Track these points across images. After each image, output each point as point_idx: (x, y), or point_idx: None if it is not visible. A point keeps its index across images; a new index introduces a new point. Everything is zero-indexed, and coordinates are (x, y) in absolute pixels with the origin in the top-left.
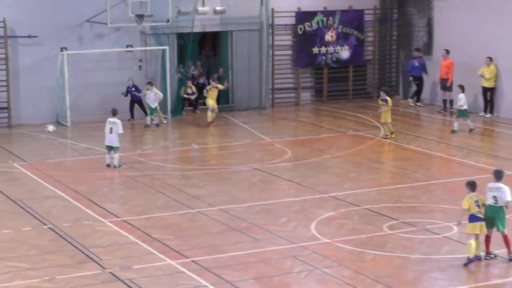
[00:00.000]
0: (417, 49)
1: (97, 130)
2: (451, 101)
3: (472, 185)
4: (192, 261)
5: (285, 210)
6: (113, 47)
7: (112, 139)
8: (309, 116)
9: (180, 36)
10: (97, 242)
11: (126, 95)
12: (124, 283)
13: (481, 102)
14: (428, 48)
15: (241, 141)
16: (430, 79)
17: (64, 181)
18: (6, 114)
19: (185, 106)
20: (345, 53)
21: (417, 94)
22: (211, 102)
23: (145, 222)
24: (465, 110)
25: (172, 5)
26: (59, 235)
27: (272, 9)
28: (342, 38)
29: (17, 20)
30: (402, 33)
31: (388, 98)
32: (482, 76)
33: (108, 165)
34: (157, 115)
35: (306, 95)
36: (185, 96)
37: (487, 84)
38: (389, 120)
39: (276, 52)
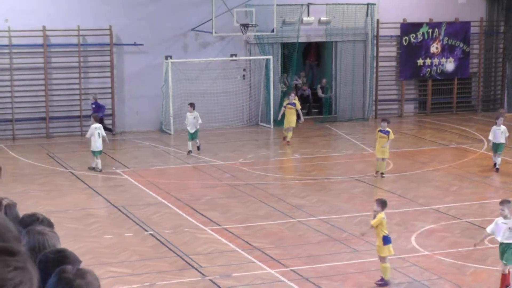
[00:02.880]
0: None
1: (201, 138)
2: None
3: (384, 204)
4: (292, 270)
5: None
6: (217, 56)
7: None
8: (412, 128)
9: (285, 46)
10: (198, 250)
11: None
12: None
13: None
14: None
15: (343, 152)
16: None
17: (166, 189)
18: (110, 121)
19: None
20: (450, 65)
21: None
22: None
23: (245, 231)
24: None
25: (277, 15)
26: (160, 242)
27: (378, 20)
28: (447, 50)
29: (123, 28)
30: (509, 46)
31: (390, 130)
32: None
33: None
34: (197, 140)
35: (409, 107)
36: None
37: None
38: (387, 155)
39: (380, 64)
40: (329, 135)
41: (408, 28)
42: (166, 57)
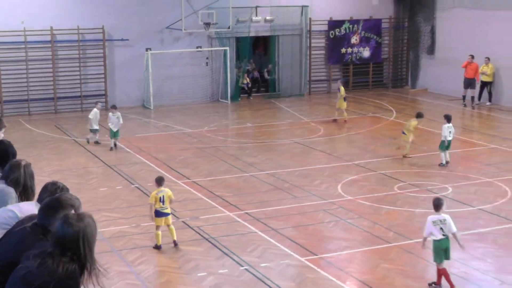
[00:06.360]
0: None
1: (175, 112)
2: (473, 97)
3: (159, 181)
4: (246, 213)
5: (318, 174)
6: (186, 48)
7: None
8: None
9: (238, 39)
10: (173, 198)
11: None
12: (193, 229)
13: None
14: (431, 49)
15: (285, 121)
16: (436, 76)
17: (148, 151)
18: (104, 100)
19: (241, 94)
20: (366, 53)
21: None
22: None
23: (210, 183)
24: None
25: (232, 15)
26: (144, 192)
27: (310, 18)
28: (364, 41)
29: (113, 26)
30: (411, 37)
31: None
32: (483, 73)
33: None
34: (118, 138)
35: (335, 85)
36: (241, 85)
37: (487, 79)
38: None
39: (313, 52)
40: (274, 108)
41: (334, 24)
42: (147, 49)
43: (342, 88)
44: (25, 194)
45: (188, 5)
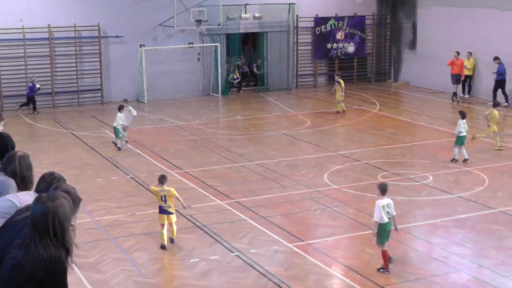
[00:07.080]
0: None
1: (168, 106)
2: (455, 93)
3: (161, 179)
4: (236, 201)
5: (305, 164)
6: (179, 44)
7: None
8: (324, 95)
9: (228, 36)
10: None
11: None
12: (186, 218)
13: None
14: (412, 45)
15: (273, 113)
16: (419, 72)
17: (142, 143)
18: (99, 94)
19: (232, 88)
20: (351, 48)
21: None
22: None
23: (202, 173)
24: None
25: (222, 12)
26: (138, 183)
27: (297, 16)
28: (349, 37)
29: (108, 24)
30: (394, 33)
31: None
32: (464, 67)
33: None
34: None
35: (321, 79)
36: (231, 80)
37: (468, 73)
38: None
39: (299, 48)
40: (263, 101)
41: (320, 21)
42: (141, 46)
43: (341, 81)
44: (23, 184)
45: (180, 3)
